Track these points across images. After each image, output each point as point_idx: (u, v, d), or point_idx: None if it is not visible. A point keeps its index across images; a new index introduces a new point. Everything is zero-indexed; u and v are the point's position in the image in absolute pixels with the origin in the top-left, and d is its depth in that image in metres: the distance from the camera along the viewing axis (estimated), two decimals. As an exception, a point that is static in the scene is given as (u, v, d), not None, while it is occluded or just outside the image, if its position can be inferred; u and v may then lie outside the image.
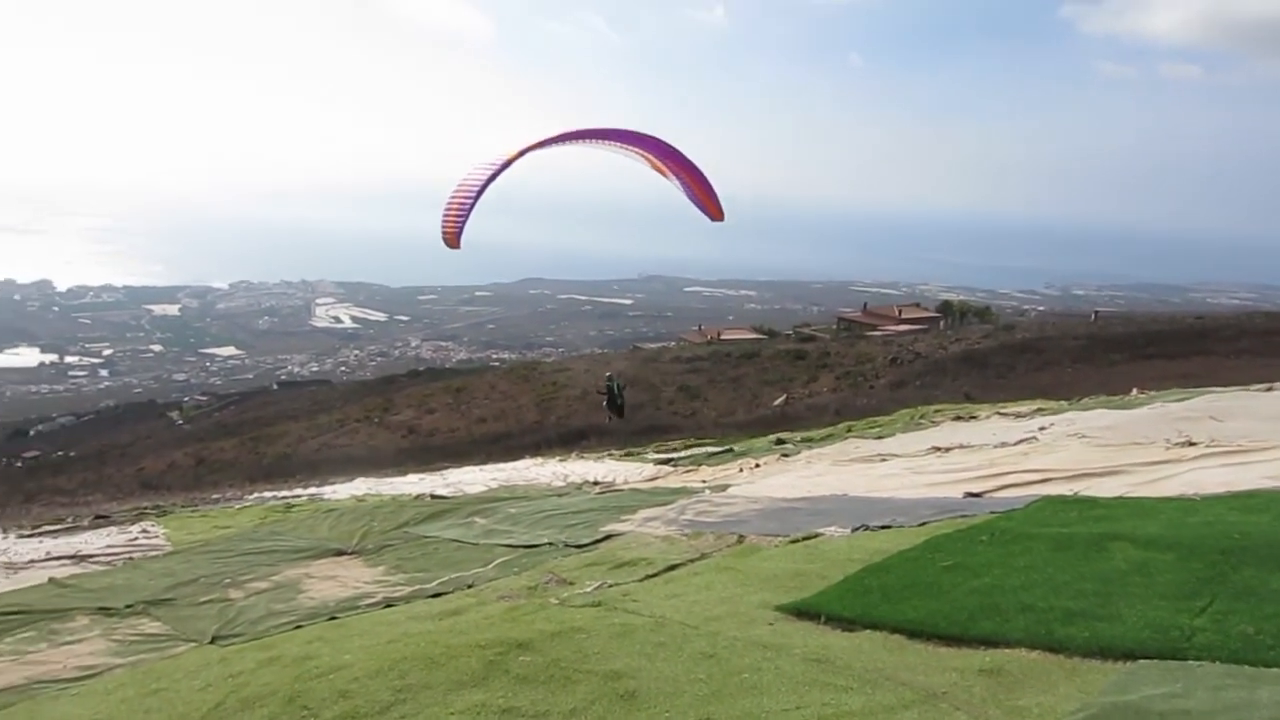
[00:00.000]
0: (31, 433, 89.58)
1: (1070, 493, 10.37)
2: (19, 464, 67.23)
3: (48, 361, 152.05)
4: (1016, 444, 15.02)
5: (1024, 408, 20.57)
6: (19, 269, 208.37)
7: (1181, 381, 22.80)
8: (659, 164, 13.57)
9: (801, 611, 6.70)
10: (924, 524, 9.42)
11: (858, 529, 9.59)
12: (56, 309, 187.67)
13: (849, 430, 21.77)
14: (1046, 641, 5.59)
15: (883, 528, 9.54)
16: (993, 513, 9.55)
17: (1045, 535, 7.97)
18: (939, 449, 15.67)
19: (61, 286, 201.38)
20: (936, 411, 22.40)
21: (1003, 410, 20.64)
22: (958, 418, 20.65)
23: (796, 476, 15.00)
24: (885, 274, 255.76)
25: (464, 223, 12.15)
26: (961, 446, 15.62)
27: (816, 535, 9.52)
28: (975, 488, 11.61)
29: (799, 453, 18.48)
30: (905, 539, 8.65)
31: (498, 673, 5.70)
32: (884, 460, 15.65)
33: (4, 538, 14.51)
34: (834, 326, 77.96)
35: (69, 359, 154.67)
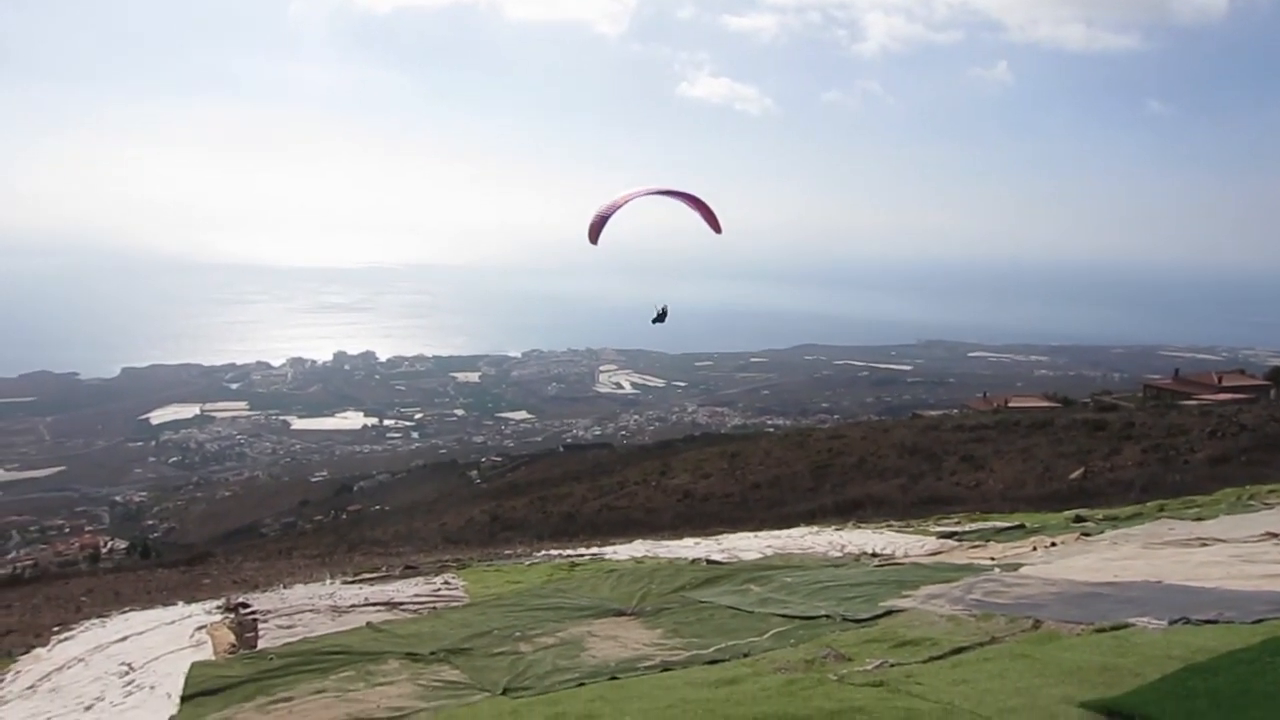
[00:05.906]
0: (355, 488, 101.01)
1: None
2: (344, 516, 75.93)
3: (370, 424, 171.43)
4: (1376, 532, 12.89)
5: (1384, 489, 17.69)
6: (350, 342, 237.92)
7: None
8: (689, 203, 17.54)
9: (1112, 711, 6.04)
10: (1260, 621, 8.21)
11: (1176, 621, 8.52)
12: (378, 377, 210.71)
13: (1161, 509, 19.61)
14: None
15: (1207, 622, 8.42)
16: (1349, 612, 8.21)
17: None
18: (1276, 535, 13.74)
19: (382, 356, 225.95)
20: (1270, 492, 19.72)
21: (1356, 492, 17.85)
22: (1298, 499, 18.09)
23: (1100, 558, 13.66)
24: (1200, 338, 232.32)
25: (598, 231, 16.54)
26: (1304, 533, 13.60)
27: (1126, 625, 8.56)
28: (1325, 582, 10.02)
29: (1102, 532, 16.85)
30: (1237, 637, 7.59)
31: (776, 748, 5.57)
32: (1205, 545, 13.90)
33: (332, 583, 16.24)
34: (1139, 395, 71.13)
35: (387, 421, 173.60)
